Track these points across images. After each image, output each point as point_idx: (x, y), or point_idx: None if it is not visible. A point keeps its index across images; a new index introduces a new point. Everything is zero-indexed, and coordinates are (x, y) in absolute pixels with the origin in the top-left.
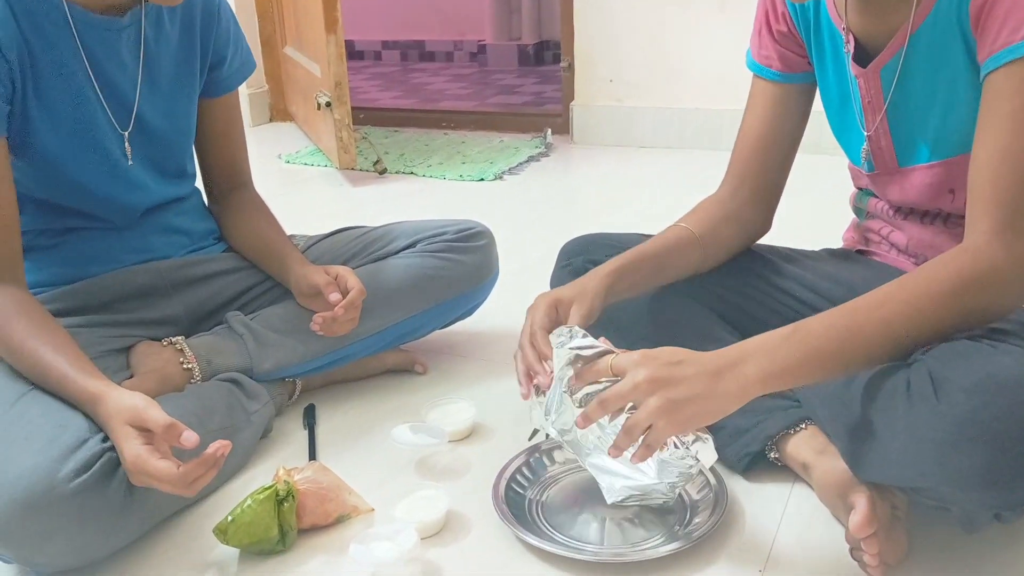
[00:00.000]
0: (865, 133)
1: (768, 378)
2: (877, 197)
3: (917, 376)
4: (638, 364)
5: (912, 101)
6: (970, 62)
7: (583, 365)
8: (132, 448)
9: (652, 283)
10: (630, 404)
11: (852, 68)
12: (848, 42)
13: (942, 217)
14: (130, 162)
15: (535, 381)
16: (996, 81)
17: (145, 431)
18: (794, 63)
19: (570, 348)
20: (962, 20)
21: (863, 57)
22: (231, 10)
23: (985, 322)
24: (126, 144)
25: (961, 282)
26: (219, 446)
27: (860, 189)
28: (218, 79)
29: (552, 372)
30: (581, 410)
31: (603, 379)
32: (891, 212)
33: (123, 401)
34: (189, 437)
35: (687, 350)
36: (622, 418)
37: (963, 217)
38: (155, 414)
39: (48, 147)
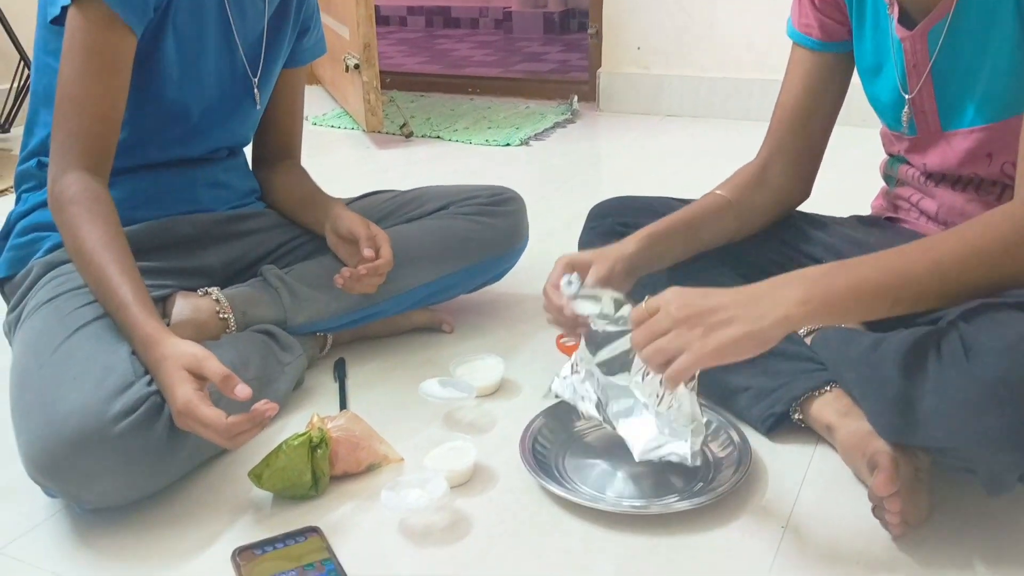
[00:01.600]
0: (907, 96)
1: (811, 302)
2: (908, 164)
3: (948, 339)
4: (670, 299)
5: (959, 63)
6: (1020, 24)
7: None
8: (185, 392)
9: (685, 251)
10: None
11: (897, 31)
12: (892, 5)
13: (975, 184)
14: (258, 107)
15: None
16: None
17: (199, 379)
18: (834, 31)
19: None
20: None
21: (907, 20)
22: None
23: None
24: (255, 90)
25: (1016, 229)
26: (268, 407)
27: (892, 156)
28: (298, 50)
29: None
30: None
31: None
32: (922, 179)
33: (181, 347)
34: (243, 390)
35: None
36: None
37: (995, 184)
38: (214, 364)
39: (170, 72)
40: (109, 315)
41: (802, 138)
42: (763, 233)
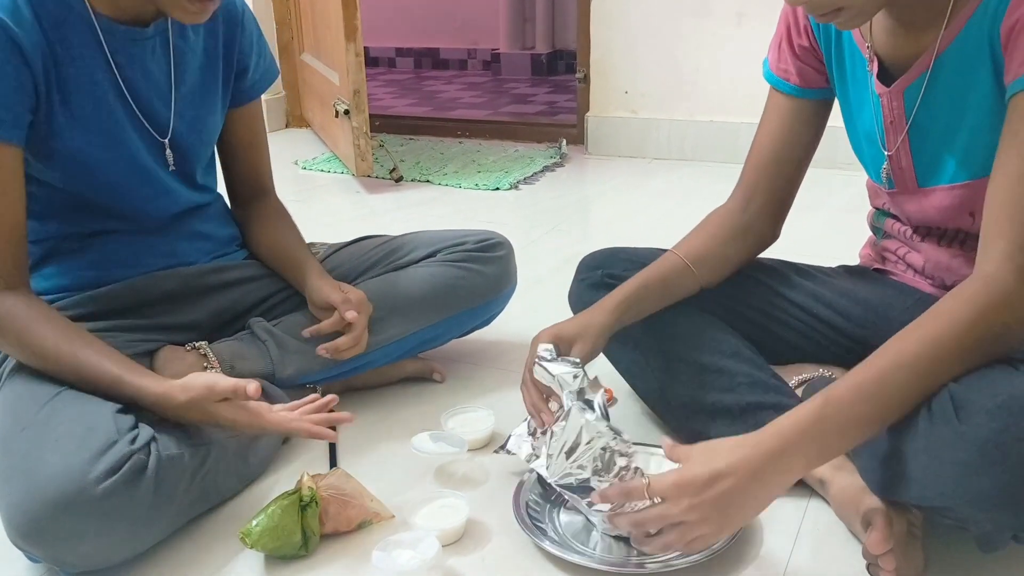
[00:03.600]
0: (886, 153)
1: (812, 465)
2: (894, 218)
3: (938, 397)
4: (678, 495)
5: (936, 122)
6: (997, 84)
7: (607, 460)
8: (229, 415)
9: (657, 308)
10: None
11: (876, 87)
12: (872, 62)
13: (959, 239)
14: (172, 167)
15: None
16: (1021, 103)
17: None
18: (812, 78)
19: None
20: (993, 41)
21: (886, 76)
22: (254, 17)
23: (1007, 347)
24: (167, 151)
25: (977, 311)
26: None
27: (877, 209)
28: (242, 88)
29: (552, 412)
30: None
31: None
32: (908, 233)
33: (193, 387)
34: (252, 387)
35: (722, 448)
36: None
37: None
38: (221, 383)
39: (78, 154)
40: (107, 396)
41: (778, 182)
42: (751, 281)
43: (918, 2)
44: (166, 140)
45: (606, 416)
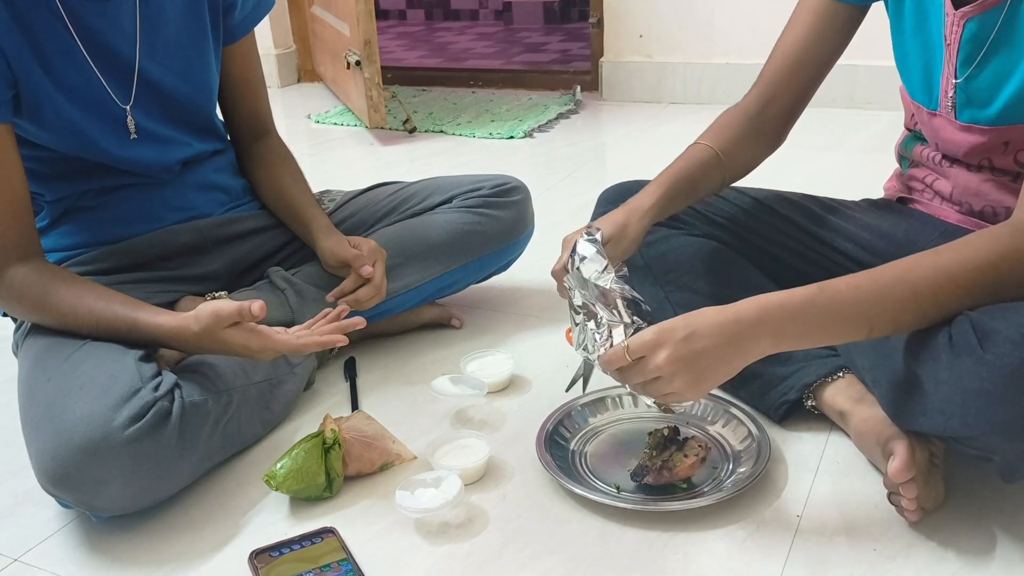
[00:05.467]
0: (940, 74)
1: (786, 342)
2: (924, 143)
3: (959, 327)
4: (656, 346)
5: (992, 60)
6: None
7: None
8: (241, 340)
9: (684, 205)
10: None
11: (947, 5)
12: None
13: (989, 165)
14: (133, 136)
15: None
16: None
17: (235, 324)
18: None
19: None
20: None
21: None
22: None
23: (1014, 298)
24: (128, 118)
25: (997, 253)
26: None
27: (909, 132)
28: (231, 24)
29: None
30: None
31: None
32: (938, 159)
33: (204, 313)
34: (257, 305)
35: (704, 313)
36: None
37: (1008, 171)
38: (226, 307)
39: (71, 120)
40: (128, 341)
41: (796, 85)
42: (777, 218)
43: None
44: (127, 107)
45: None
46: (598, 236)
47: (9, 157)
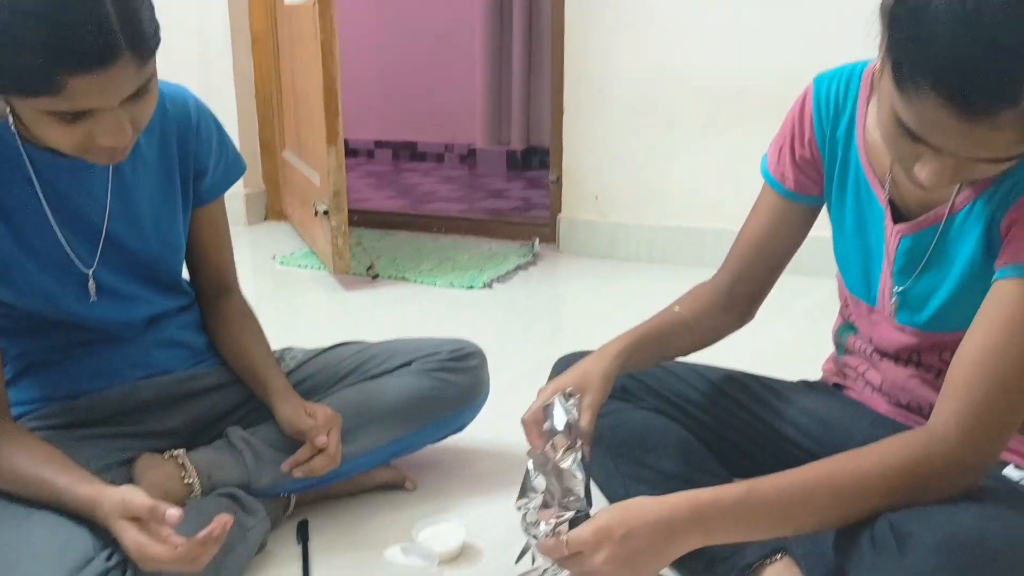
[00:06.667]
0: (878, 277)
1: (716, 537)
2: (857, 334)
3: (880, 528)
4: (595, 546)
5: (927, 273)
6: (986, 258)
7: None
8: (131, 538)
9: (652, 363)
10: None
11: (886, 220)
12: (884, 204)
13: (915, 361)
14: (93, 299)
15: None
16: (1005, 287)
17: (139, 520)
18: (806, 186)
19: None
20: (994, 222)
21: (894, 210)
22: (212, 118)
23: (930, 502)
24: (90, 282)
25: (913, 459)
26: (217, 524)
27: (844, 322)
28: (201, 190)
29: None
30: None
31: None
32: (869, 351)
33: (114, 498)
34: (172, 514)
35: (640, 509)
36: None
37: (935, 367)
38: (138, 501)
39: (32, 280)
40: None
41: (760, 270)
42: (725, 399)
43: None
44: (90, 271)
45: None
46: (574, 403)
47: None
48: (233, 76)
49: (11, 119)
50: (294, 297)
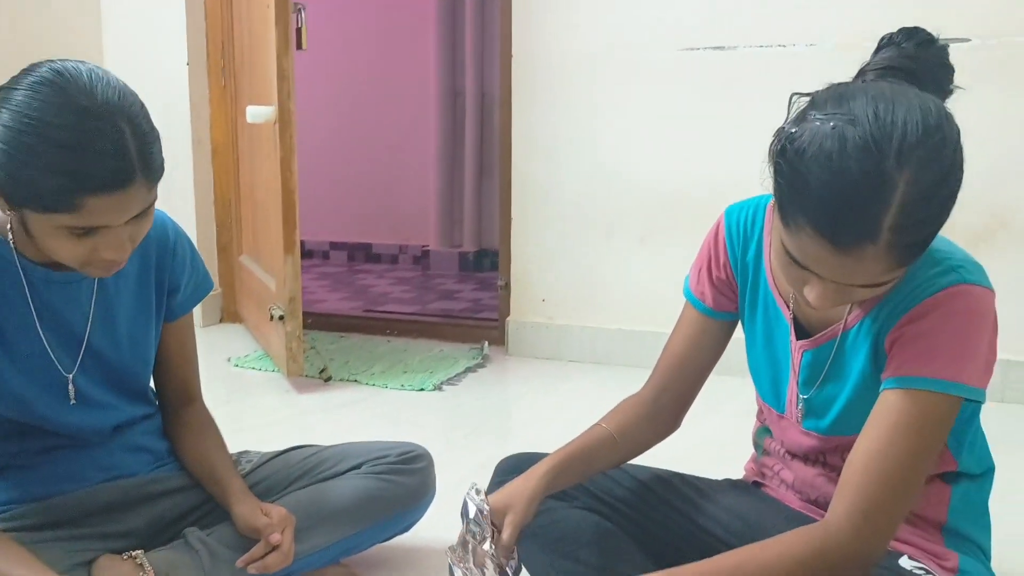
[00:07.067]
0: (785, 389)
1: None
2: (772, 437)
3: None
4: None
5: (827, 383)
6: (875, 370)
7: None
8: None
9: (580, 479)
10: None
11: (792, 333)
12: (789, 321)
13: (822, 461)
14: (72, 402)
15: None
16: (888, 397)
17: None
18: (723, 304)
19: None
20: (880, 337)
21: (797, 327)
22: (187, 240)
23: None
24: (70, 385)
25: (811, 551)
26: None
27: (761, 425)
28: (173, 305)
29: None
30: None
31: None
32: (782, 452)
33: None
34: None
35: None
36: None
37: (839, 467)
38: None
39: (14, 387)
40: None
41: (683, 382)
42: (647, 491)
43: None
44: (70, 376)
45: None
46: (482, 497)
47: None
48: (193, 183)
49: (10, 235)
50: (248, 398)
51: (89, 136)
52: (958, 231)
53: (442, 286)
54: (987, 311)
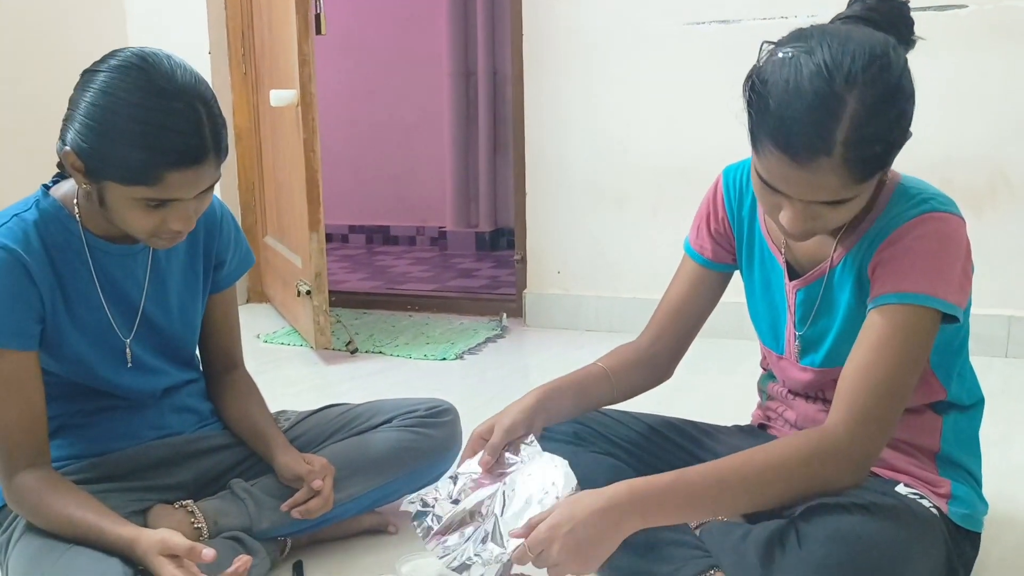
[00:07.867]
0: (783, 329)
1: (652, 519)
2: (775, 381)
3: (789, 531)
4: (549, 542)
5: (818, 318)
6: (860, 299)
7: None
8: (168, 572)
9: (575, 410)
10: None
11: (785, 276)
12: (782, 265)
13: (822, 398)
14: (129, 364)
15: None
16: (873, 316)
17: (176, 557)
18: (722, 256)
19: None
20: (863, 267)
21: (791, 270)
22: (232, 218)
23: (827, 490)
24: (127, 350)
25: (809, 452)
26: (241, 564)
27: (765, 371)
28: (219, 278)
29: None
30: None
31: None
32: (784, 393)
33: (153, 537)
34: (208, 553)
35: (582, 501)
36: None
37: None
38: (178, 540)
39: (78, 351)
40: (98, 546)
41: (679, 330)
42: (659, 436)
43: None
44: (127, 340)
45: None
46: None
47: (35, 380)
48: None
49: (76, 210)
50: (279, 371)
51: (171, 116)
52: (960, 190)
53: (460, 265)
54: (958, 235)
